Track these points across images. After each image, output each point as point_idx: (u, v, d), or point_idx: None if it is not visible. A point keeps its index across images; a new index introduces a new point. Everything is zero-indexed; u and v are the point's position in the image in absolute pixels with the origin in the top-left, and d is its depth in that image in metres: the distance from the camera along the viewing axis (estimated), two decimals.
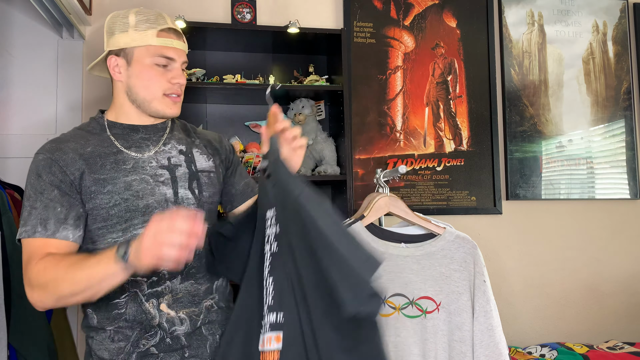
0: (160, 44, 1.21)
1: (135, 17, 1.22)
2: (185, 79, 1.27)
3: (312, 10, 2.38)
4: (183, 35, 1.28)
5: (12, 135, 2.11)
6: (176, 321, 1.20)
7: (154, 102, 1.24)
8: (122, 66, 1.23)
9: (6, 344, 1.60)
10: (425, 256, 1.42)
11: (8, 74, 2.12)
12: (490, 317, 1.39)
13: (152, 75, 1.22)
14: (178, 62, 1.25)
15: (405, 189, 2.38)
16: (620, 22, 2.69)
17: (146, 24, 1.21)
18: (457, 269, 1.41)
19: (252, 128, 2.24)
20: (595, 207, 2.57)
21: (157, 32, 1.21)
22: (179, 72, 1.25)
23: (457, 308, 1.40)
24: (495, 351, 1.37)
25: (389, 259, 1.41)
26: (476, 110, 2.48)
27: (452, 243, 1.44)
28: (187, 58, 1.30)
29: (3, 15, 2.14)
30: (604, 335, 2.50)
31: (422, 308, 1.40)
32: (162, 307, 1.20)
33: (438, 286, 1.41)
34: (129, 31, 1.21)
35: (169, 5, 2.23)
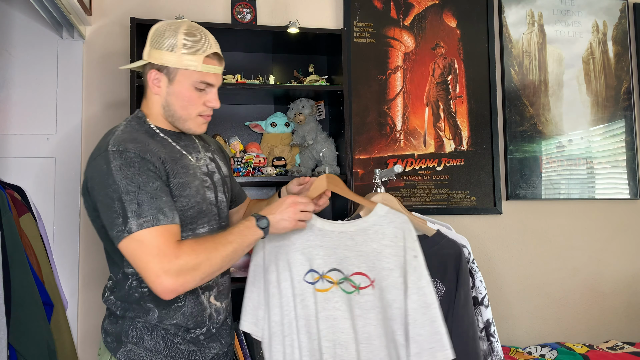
0: (204, 71, 1.26)
1: (184, 39, 1.25)
2: (219, 104, 1.33)
3: (312, 10, 2.38)
4: (223, 57, 1.33)
5: (12, 135, 2.11)
6: (221, 311, 1.35)
7: (189, 122, 1.31)
8: (163, 82, 1.28)
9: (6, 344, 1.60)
10: (358, 232, 1.39)
11: (8, 74, 2.12)
12: (424, 294, 1.32)
13: (191, 98, 1.28)
14: (216, 86, 1.32)
15: (405, 189, 2.38)
16: (620, 22, 2.69)
17: (193, 47, 1.25)
18: (388, 245, 1.37)
19: (252, 128, 2.25)
20: (595, 207, 2.57)
21: (203, 57, 1.26)
22: (215, 96, 1.31)
23: (388, 285, 1.35)
24: (431, 330, 1.29)
25: (326, 235, 1.39)
26: (476, 110, 2.48)
27: (383, 218, 1.40)
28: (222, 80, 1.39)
29: (3, 15, 2.14)
30: (604, 335, 2.50)
31: (356, 284, 1.36)
32: (211, 300, 1.32)
33: (371, 262, 1.36)
34: (176, 52, 1.25)
35: (169, 5, 2.23)
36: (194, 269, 1.13)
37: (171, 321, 1.26)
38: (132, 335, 1.25)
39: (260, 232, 1.23)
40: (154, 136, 1.29)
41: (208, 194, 1.33)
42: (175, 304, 1.26)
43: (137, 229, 1.13)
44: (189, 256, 1.13)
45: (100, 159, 1.18)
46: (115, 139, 1.21)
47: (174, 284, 1.12)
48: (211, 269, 1.16)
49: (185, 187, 1.25)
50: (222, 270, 1.21)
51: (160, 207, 1.15)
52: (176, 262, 1.12)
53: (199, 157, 1.36)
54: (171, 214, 1.17)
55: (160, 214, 1.15)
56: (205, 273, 1.16)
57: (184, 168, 1.28)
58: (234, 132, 2.24)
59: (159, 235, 1.13)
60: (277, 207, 1.27)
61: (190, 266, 1.13)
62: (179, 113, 1.29)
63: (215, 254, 1.16)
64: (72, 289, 2.09)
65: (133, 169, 1.16)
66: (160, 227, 1.14)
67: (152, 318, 1.25)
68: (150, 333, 1.25)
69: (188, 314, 1.27)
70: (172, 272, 1.11)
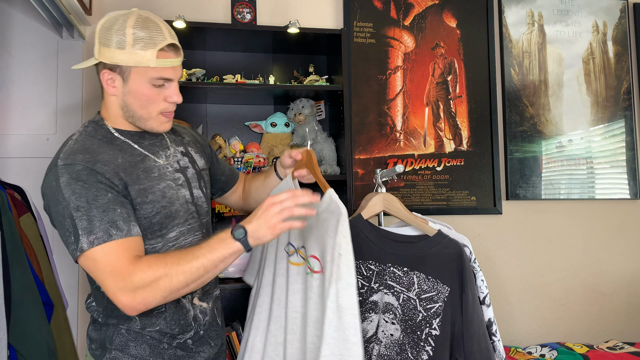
0: (159, 66, 1.16)
1: (133, 33, 1.14)
2: (180, 98, 1.24)
3: (312, 10, 2.38)
4: (180, 47, 1.23)
5: (12, 135, 2.11)
6: (207, 311, 1.30)
7: (150, 121, 1.23)
8: (117, 82, 1.19)
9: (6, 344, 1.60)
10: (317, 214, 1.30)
11: (8, 74, 2.12)
12: (341, 297, 1.21)
13: (150, 96, 1.19)
14: (175, 80, 1.22)
15: (405, 189, 2.38)
16: (620, 22, 2.69)
17: (144, 42, 1.15)
18: (331, 236, 1.26)
19: (252, 128, 2.25)
20: (595, 207, 2.57)
21: (156, 52, 1.15)
22: (175, 90, 1.22)
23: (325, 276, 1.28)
24: (342, 337, 1.19)
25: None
26: (476, 110, 2.48)
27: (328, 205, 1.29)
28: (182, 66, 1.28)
29: (3, 15, 2.14)
30: (604, 335, 2.50)
31: (311, 266, 1.32)
32: (195, 301, 1.27)
33: (322, 249, 1.29)
34: (126, 48, 1.14)
35: (169, 5, 2.23)
36: (150, 285, 1.06)
37: (154, 327, 1.22)
38: (117, 342, 1.21)
39: (236, 244, 1.10)
40: (112, 141, 1.21)
41: (182, 192, 1.26)
42: (156, 310, 1.21)
43: (88, 247, 1.07)
44: (144, 273, 1.06)
45: (51, 174, 1.13)
46: (65, 152, 1.15)
47: (132, 302, 1.06)
48: (172, 285, 1.07)
49: (147, 193, 1.18)
50: (192, 288, 1.11)
51: (113, 221, 1.09)
52: (130, 280, 1.06)
53: (167, 154, 1.28)
54: (126, 227, 1.10)
55: (113, 228, 1.08)
56: (166, 290, 1.07)
57: (146, 172, 1.21)
58: (234, 132, 2.24)
59: (111, 252, 1.07)
60: (254, 212, 1.14)
61: (146, 282, 1.06)
62: (138, 113, 1.21)
63: (177, 269, 1.07)
64: (72, 289, 2.09)
65: (80, 183, 1.10)
66: (113, 243, 1.08)
67: (134, 325, 1.21)
68: (135, 339, 1.21)
69: (170, 319, 1.23)
70: (127, 290, 1.06)
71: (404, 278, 1.51)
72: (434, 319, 1.48)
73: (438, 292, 1.49)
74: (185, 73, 1.99)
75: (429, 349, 1.48)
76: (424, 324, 1.49)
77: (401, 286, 1.51)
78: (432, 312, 1.49)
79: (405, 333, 1.49)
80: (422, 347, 1.48)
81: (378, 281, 1.52)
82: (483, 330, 1.49)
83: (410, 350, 1.48)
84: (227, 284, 1.91)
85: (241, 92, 2.06)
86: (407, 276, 1.51)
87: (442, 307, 1.48)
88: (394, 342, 1.49)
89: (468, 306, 1.47)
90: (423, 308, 1.49)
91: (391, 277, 1.52)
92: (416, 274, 1.51)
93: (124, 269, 1.07)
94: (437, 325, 1.48)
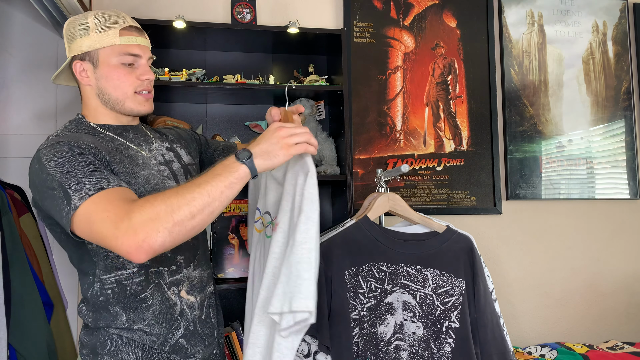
0: (124, 43, 1.21)
1: (94, 19, 1.21)
2: (153, 75, 1.27)
3: (312, 10, 2.38)
4: (144, 32, 1.29)
5: (12, 135, 2.11)
6: (196, 306, 1.26)
7: (127, 101, 1.25)
8: (89, 70, 1.23)
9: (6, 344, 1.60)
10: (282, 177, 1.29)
11: (8, 74, 2.12)
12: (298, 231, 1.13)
13: (121, 75, 1.22)
14: (144, 58, 1.26)
15: (405, 189, 2.38)
16: (620, 22, 2.69)
17: (106, 24, 1.21)
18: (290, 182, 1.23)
19: (252, 128, 2.24)
20: (595, 207, 2.57)
21: (119, 31, 1.21)
22: (146, 68, 1.26)
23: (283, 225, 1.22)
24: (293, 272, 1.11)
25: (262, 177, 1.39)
26: (476, 110, 2.48)
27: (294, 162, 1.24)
28: (152, 54, 1.30)
29: (3, 15, 2.14)
30: (604, 335, 2.50)
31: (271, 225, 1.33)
32: (182, 294, 1.24)
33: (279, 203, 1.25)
34: (90, 34, 1.21)
35: (169, 5, 2.23)
36: (152, 219, 0.97)
37: (142, 323, 1.19)
38: (108, 347, 1.18)
39: (242, 167, 1.04)
40: (94, 134, 1.23)
41: (169, 183, 1.25)
42: (143, 304, 1.19)
43: (81, 202, 1.03)
44: (143, 208, 0.99)
45: (33, 161, 1.13)
46: (46, 142, 1.16)
47: (135, 241, 0.97)
48: (175, 216, 0.98)
49: (130, 177, 1.17)
50: (200, 220, 1.01)
51: (102, 177, 1.06)
52: (128, 219, 0.98)
53: (151, 147, 1.30)
54: (117, 181, 1.07)
55: (104, 181, 1.05)
56: (169, 222, 0.98)
57: (130, 159, 1.20)
58: (234, 132, 2.24)
59: (103, 199, 1.02)
60: (261, 137, 1.11)
61: (146, 218, 0.97)
62: (114, 95, 1.23)
63: (178, 200, 0.99)
64: (72, 289, 2.09)
65: (62, 153, 1.09)
66: (105, 191, 1.03)
67: (121, 323, 1.18)
68: (127, 344, 1.18)
69: (157, 312, 1.20)
70: (128, 230, 0.97)
71: (418, 276, 1.52)
72: (452, 312, 1.51)
73: (453, 286, 1.52)
74: (185, 73, 1.99)
75: (451, 341, 1.50)
76: (443, 317, 1.51)
77: (416, 284, 1.52)
78: (450, 305, 1.51)
79: (427, 329, 1.50)
80: (444, 339, 1.50)
81: (392, 282, 1.52)
82: (496, 320, 1.53)
83: (434, 343, 1.50)
84: (227, 283, 1.91)
85: (241, 92, 2.06)
86: (420, 274, 1.53)
87: (459, 300, 1.51)
88: (418, 339, 1.51)
89: (480, 297, 1.51)
90: (440, 302, 1.51)
91: (405, 277, 1.52)
92: (429, 270, 1.52)
93: (121, 210, 1.00)
94: (456, 318, 1.51)
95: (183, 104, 2.21)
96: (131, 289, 1.19)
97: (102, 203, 1.02)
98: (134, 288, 1.19)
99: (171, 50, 2.19)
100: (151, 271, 1.21)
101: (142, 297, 1.20)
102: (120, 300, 1.19)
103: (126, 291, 1.19)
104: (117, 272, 1.19)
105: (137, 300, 1.19)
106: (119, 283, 1.19)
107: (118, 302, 1.19)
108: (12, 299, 1.67)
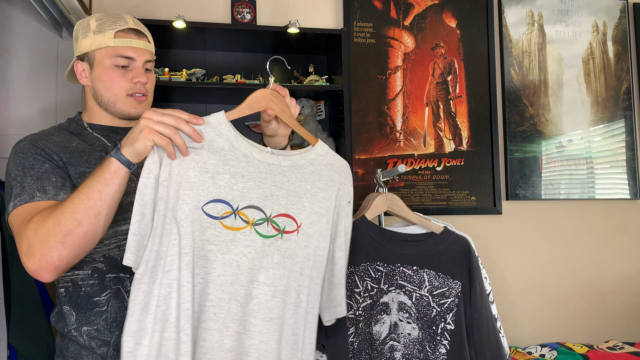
0: (118, 45, 1.22)
1: (95, 21, 1.24)
2: (146, 78, 1.25)
3: (312, 10, 2.38)
4: (148, 35, 1.28)
5: (12, 135, 2.11)
6: None
7: (118, 103, 1.25)
8: (87, 70, 1.26)
9: (6, 344, 1.60)
10: (292, 168, 1.17)
11: (8, 74, 2.12)
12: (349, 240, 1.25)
13: (113, 76, 1.23)
14: (139, 61, 1.25)
15: (405, 189, 2.38)
16: (620, 22, 2.69)
17: (104, 26, 1.23)
18: (323, 188, 1.19)
19: (252, 128, 2.24)
20: (595, 207, 2.57)
21: (114, 33, 1.22)
22: (140, 71, 1.25)
23: (315, 231, 1.16)
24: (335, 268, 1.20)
25: (252, 164, 1.12)
26: (476, 110, 2.48)
27: (322, 158, 1.22)
28: (152, 57, 1.29)
29: (3, 15, 2.14)
30: (604, 335, 2.50)
31: (280, 227, 1.13)
32: None
33: (301, 205, 1.16)
34: (89, 35, 1.23)
35: (169, 5, 2.23)
36: (44, 235, 0.97)
37: (91, 326, 1.15)
38: (72, 350, 1.17)
39: (111, 159, 0.99)
40: (80, 133, 1.25)
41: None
42: (96, 308, 1.16)
43: (12, 209, 1.06)
44: (36, 226, 0.99)
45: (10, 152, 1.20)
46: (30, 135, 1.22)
47: (34, 262, 0.97)
48: (62, 227, 0.97)
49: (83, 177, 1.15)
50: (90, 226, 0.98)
51: (42, 186, 1.08)
52: (27, 240, 0.99)
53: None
54: (54, 192, 1.07)
55: (39, 191, 1.06)
56: (58, 234, 0.97)
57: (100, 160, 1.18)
58: None
59: (26, 212, 1.03)
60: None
61: (39, 235, 0.98)
62: (105, 96, 1.25)
63: (62, 210, 0.98)
64: None
65: (21, 154, 1.14)
66: (32, 204, 1.04)
67: (71, 323, 1.16)
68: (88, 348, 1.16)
69: (112, 320, 1.16)
70: (28, 252, 0.98)
71: (415, 277, 1.52)
72: (448, 313, 1.50)
73: (449, 288, 1.51)
74: (185, 73, 1.99)
75: (446, 343, 1.49)
76: (438, 319, 1.50)
77: (412, 285, 1.52)
78: (445, 307, 1.51)
79: (422, 330, 1.50)
80: (439, 341, 1.50)
81: (388, 282, 1.52)
82: (492, 322, 1.52)
83: (428, 345, 1.50)
84: None
85: (241, 92, 2.06)
86: (417, 274, 1.52)
87: (455, 301, 1.51)
88: (413, 341, 1.50)
89: (477, 299, 1.50)
90: (436, 304, 1.51)
91: (402, 277, 1.52)
92: (426, 271, 1.52)
93: (22, 229, 1.01)
94: (452, 320, 1.50)
95: (183, 104, 2.21)
96: (85, 290, 1.17)
97: (22, 216, 1.04)
98: (88, 290, 1.17)
99: (171, 50, 2.19)
100: (109, 276, 1.18)
101: (96, 301, 1.17)
102: (74, 300, 1.17)
103: (80, 291, 1.17)
104: (74, 271, 1.17)
105: (90, 302, 1.17)
106: (75, 282, 1.18)
107: (69, 302, 1.17)
108: (12, 299, 1.67)
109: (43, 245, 0.97)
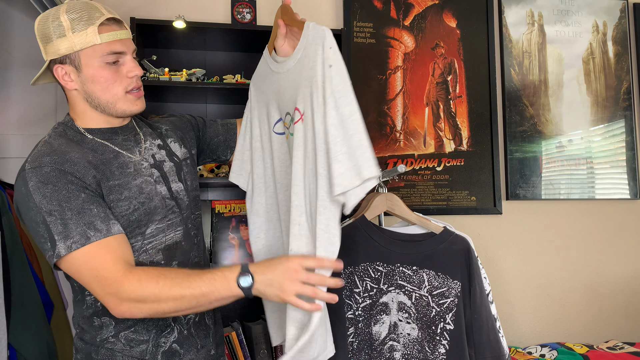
0: (105, 41, 1.12)
1: (67, 17, 1.11)
2: (141, 70, 1.20)
3: (312, 10, 2.38)
4: (123, 21, 1.19)
5: (12, 135, 2.11)
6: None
7: (118, 103, 1.18)
8: (72, 73, 1.15)
9: (6, 344, 1.60)
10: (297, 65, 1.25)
11: (8, 74, 2.13)
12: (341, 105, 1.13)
13: (108, 77, 1.15)
14: (129, 54, 1.17)
15: (405, 189, 2.38)
16: (620, 22, 2.69)
17: (82, 22, 1.11)
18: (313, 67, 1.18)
19: None
20: (595, 207, 2.57)
21: (97, 27, 1.11)
22: (132, 63, 1.17)
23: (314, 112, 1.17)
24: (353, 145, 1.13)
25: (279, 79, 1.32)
26: (476, 110, 2.48)
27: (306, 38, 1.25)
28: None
29: (3, 15, 2.14)
30: (604, 335, 2.50)
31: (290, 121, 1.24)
32: None
33: (302, 93, 1.20)
34: (67, 35, 1.10)
35: (169, 5, 2.23)
36: (138, 301, 1.02)
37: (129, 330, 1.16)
38: (102, 353, 1.16)
39: (237, 291, 1.03)
40: (82, 141, 1.17)
41: (158, 188, 1.21)
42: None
43: (66, 252, 1.03)
44: (132, 286, 1.02)
45: (20, 180, 1.09)
46: (33, 155, 1.11)
47: (118, 309, 1.04)
48: (160, 308, 1.03)
49: (122, 189, 1.13)
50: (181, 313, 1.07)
51: (89, 222, 1.05)
52: (117, 289, 1.02)
53: (141, 149, 1.24)
54: (105, 226, 1.06)
55: (91, 229, 1.04)
56: (152, 311, 1.04)
57: (120, 168, 1.16)
58: None
59: (92, 256, 1.04)
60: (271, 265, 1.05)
61: (132, 297, 1.02)
62: (104, 98, 1.16)
63: (168, 294, 1.02)
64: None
65: (50, 186, 1.05)
66: (92, 246, 1.04)
67: (108, 331, 1.16)
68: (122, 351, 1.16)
69: (148, 320, 1.17)
70: (115, 297, 1.03)
71: (414, 277, 1.52)
72: (447, 313, 1.50)
73: (449, 288, 1.51)
74: (185, 73, 1.99)
75: (445, 343, 1.49)
76: (437, 319, 1.50)
77: (412, 285, 1.52)
78: (445, 307, 1.51)
79: (421, 330, 1.50)
80: (439, 341, 1.50)
81: (387, 282, 1.52)
82: (492, 322, 1.52)
83: (427, 345, 1.50)
84: None
85: (241, 92, 2.06)
86: (416, 275, 1.52)
87: (454, 301, 1.51)
88: (412, 341, 1.50)
89: (476, 298, 1.50)
90: (436, 304, 1.51)
91: (401, 277, 1.52)
92: (425, 271, 1.52)
93: (110, 275, 1.03)
94: (451, 320, 1.50)
95: (183, 104, 2.21)
96: None
97: (89, 261, 1.04)
98: None
99: (171, 50, 2.19)
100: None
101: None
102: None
103: None
104: None
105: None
106: None
107: (108, 313, 1.15)
108: (12, 299, 1.67)
109: (133, 306, 1.03)
